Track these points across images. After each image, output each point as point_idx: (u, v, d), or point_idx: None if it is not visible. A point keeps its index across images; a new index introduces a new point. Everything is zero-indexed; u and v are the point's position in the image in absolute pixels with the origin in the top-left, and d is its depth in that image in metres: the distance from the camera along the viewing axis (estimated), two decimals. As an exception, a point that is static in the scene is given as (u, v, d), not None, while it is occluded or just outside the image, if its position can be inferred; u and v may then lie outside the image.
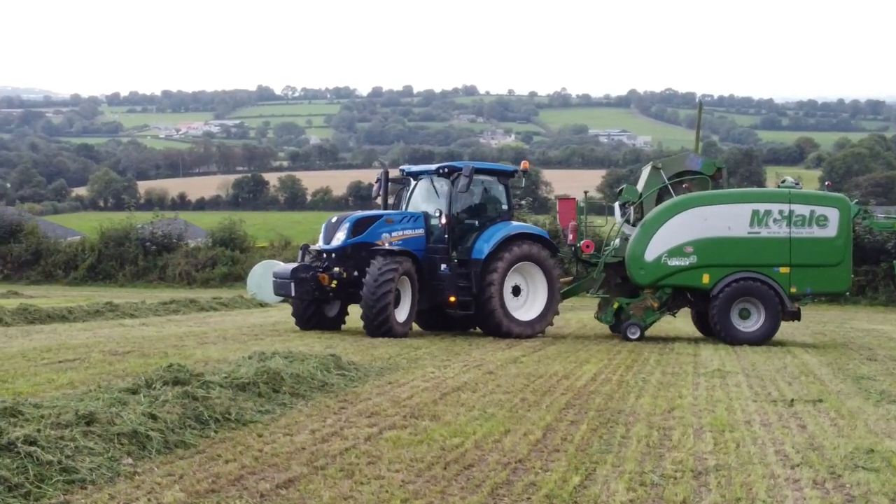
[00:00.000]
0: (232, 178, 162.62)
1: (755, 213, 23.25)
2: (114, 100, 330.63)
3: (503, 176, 24.75)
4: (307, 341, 20.60)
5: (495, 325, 23.28)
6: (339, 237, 22.95)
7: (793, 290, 23.31)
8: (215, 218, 61.50)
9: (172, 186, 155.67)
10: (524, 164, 25.13)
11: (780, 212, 23.24)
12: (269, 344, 19.62)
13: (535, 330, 23.68)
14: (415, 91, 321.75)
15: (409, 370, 16.32)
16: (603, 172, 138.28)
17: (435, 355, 18.83)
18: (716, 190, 24.51)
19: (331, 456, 9.61)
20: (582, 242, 24.76)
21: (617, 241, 24.60)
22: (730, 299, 23.10)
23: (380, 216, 23.30)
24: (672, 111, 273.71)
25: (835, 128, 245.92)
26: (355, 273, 22.47)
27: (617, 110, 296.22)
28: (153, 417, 10.07)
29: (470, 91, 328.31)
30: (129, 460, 8.93)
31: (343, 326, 24.09)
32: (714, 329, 23.46)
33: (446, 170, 24.00)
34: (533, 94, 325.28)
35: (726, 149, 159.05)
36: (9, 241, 53.71)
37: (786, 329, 28.61)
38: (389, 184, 25.42)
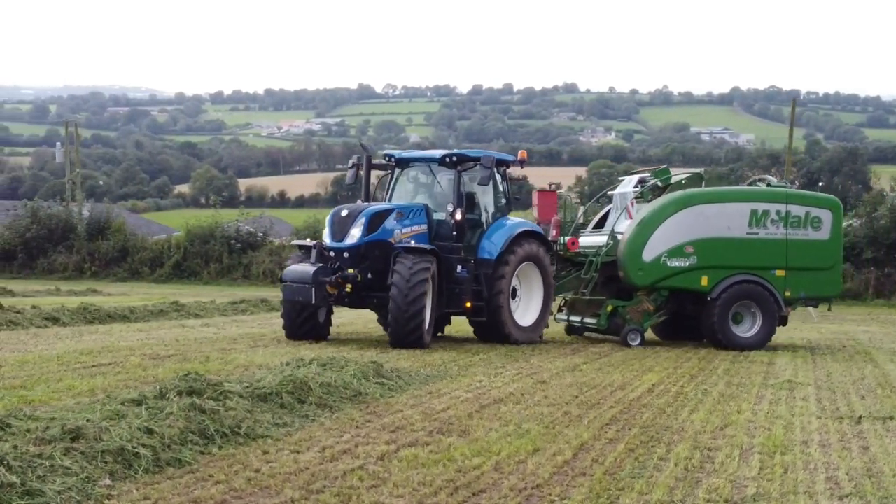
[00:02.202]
0: (332, 175, 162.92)
1: (754, 212, 22.20)
2: (217, 98, 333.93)
3: (500, 166, 22.27)
4: (362, 345, 19.97)
5: (503, 332, 21.20)
6: (355, 234, 20.22)
7: (787, 293, 22.32)
8: (314, 216, 61.00)
9: (273, 184, 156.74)
10: (521, 154, 22.92)
11: (778, 212, 22.24)
12: (321, 347, 19.04)
13: (535, 335, 21.96)
14: (515, 89, 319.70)
15: (456, 378, 15.56)
16: (703, 171, 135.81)
17: (491, 361, 18.07)
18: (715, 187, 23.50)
19: (332, 478, 8.88)
20: (567, 239, 23.35)
21: (604, 238, 23.16)
22: (730, 303, 22.01)
23: (391, 209, 20.78)
24: (776, 109, 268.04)
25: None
26: (369, 275, 20.14)
27: (719, 108, 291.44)
28: (149, 432, 9.43)
29: (570, 89, 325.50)
30: (108, 481, 8.29)
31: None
32: (711, 334, 22.29)
33: (454, 158, 21.40)
34: (634, 92, 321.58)
35: (830, 147, 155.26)
36: (97, 238, 53.95)
37: (875, 334, 27.33)
38: (356, 170, 22.69)
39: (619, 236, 22.59)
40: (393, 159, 22.40)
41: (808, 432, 11.91)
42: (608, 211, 25.19)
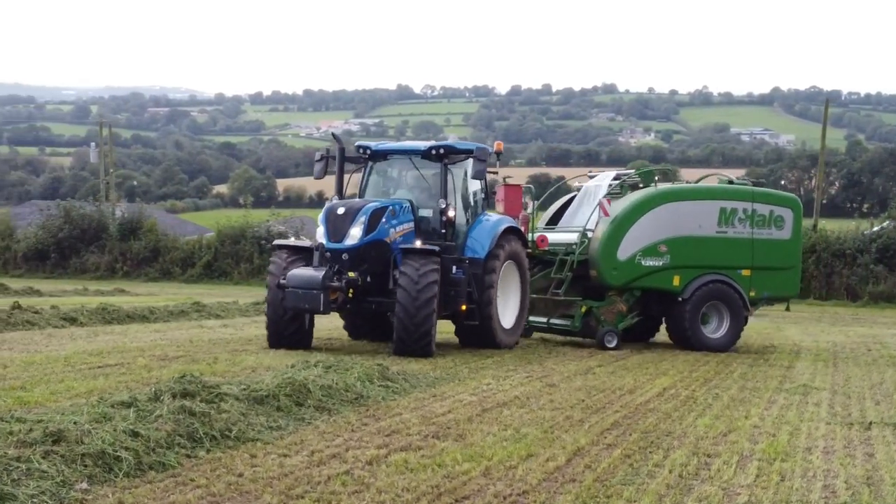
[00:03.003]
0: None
1: (722, 210, 22.07)
2: (256, 99, 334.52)
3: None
4: (378, 347, 19.77)
5: (490, 334, 19.86)
6: (355, 234, 18.63)
7: (752, 293, 22.16)
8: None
9: (311, 184, 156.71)
10: (498, 146, 21.53)
11: (745, 211, 22.15)
12: (334, 349, 18.90)
13: (515, 337, 20.80)
14: (554, 89, 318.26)
15: (464, 381, 15.37)
16: (743, 172, 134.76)
17: (503, 364, 17.84)
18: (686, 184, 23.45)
19: (315, 483, 8.75)
20: (536, 236, 22.46)
21: (573, 235, 22.42)
22: (701, 303, 21.79)
23: (386, 206, 19.13)
24: (816, 109, 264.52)
25: None
26: (367, 278, 18.87)
27: (759, 108, 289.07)
28: (135, 435, 9.33)
29: (609, 89, 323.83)
30: (84, 485, 8.19)
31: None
32: (681, 335, 22.01)
33: (441, 151, 19.90)
34: (673, 93, 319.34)
35: (871, 147, 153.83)
36: (129, 238, 54.04)
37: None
38: (325, 163, 20.77)
39: (591, 234, 21.98)
40: (368, 151, 20.82)
41: (814, 438, 11.69)
42: (561, 207, 24.64)
